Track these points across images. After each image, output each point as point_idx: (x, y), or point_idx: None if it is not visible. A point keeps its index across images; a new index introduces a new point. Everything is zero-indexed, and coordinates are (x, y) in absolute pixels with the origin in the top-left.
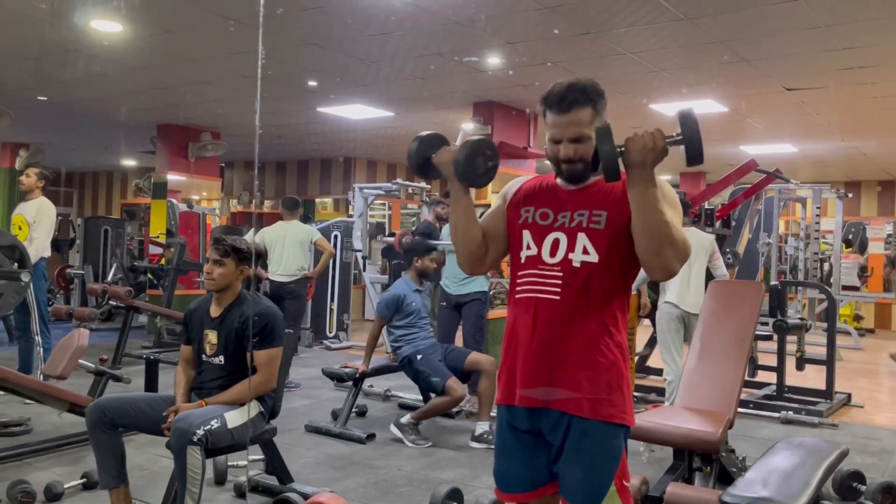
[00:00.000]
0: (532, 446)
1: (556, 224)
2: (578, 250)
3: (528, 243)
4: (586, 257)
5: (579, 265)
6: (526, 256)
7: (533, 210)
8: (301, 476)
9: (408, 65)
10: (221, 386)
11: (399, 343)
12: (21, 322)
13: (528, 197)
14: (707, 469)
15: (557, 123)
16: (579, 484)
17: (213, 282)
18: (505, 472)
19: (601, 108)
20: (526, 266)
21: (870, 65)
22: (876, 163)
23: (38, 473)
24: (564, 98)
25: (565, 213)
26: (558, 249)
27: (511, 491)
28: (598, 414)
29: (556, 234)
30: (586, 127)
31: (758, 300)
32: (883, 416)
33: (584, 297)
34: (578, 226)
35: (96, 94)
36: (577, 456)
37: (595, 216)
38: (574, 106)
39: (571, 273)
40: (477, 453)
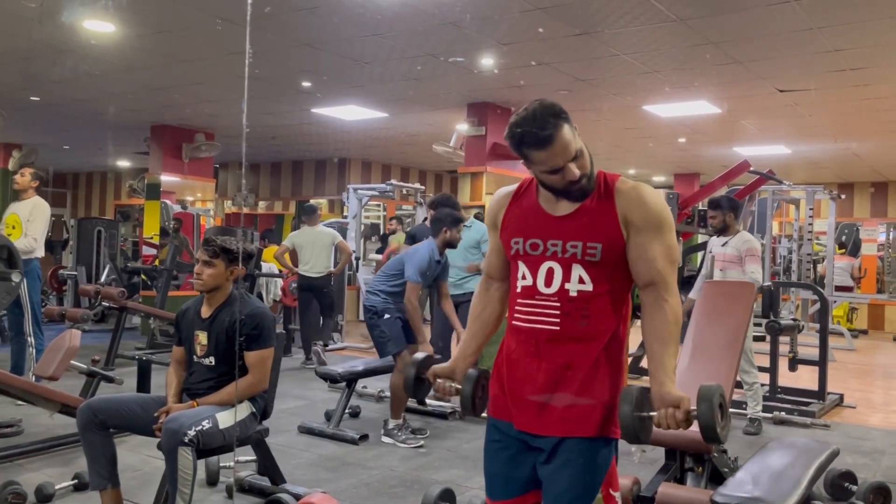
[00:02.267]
0: (518, 451)
1: (548, 253)
2: (574, 280)
3: (524, 273)
4: (582, 287)
5: (576, 294)
6: (522, 286)
7: (522, 241)
8: (293, 477)
9: (402, 66)
10: (212, 387)
11: (380, 296)
12: (14, 322)
13: (515, 225)
14: (699, 469)
15: (550, 156)
16: (564, 494)
17: (202, 283)
18: (491, 476)
19: (571, 122)
20: (522, 295)
21: (861, 67)
22: (868, 164)
23: (29, 474)
24: (540, 133)
25: (556, 242)
26: (553, 279)
27: (496, 497)
28: (589, 431)
29: (550, 264)
30: (573, 143)
31: (750, 301)
32: (875, 416)
33: (582, 326)
34: (573, 257)
35: (89, 95)
36: (564, 467)
37: (590, 248)
38: (557, 131)
39: (569, 302)
40: (469, 456)
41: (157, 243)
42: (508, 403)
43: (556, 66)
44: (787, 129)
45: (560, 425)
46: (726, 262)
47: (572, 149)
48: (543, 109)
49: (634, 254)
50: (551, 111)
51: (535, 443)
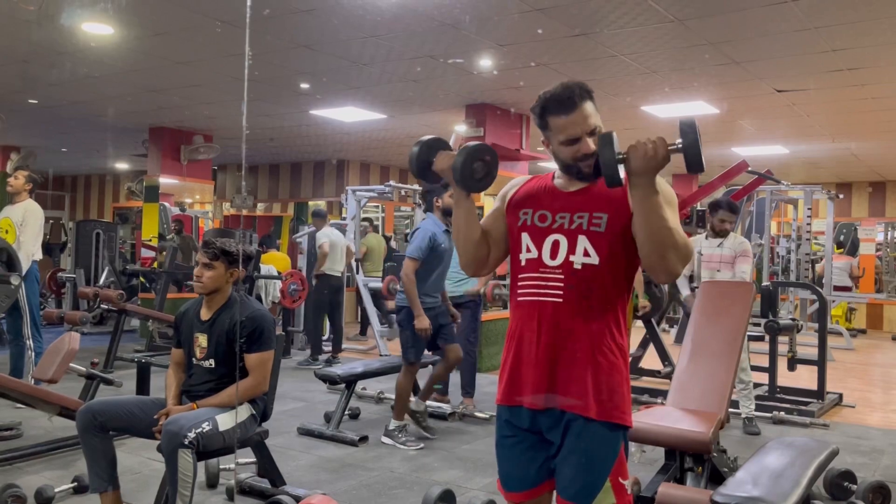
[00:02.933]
0: (532, 445)
1: (555, 226)
2: (579, 252)
3: (528, 245)
4: (587, 259)
5: (580, 267)
6: (526, 259)
7: (531, 212)
8: (293, 479)
9: (400, 67)
10: (212, 389)
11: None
12: (13, 326)
13: (526, 199)
14: (699, 469)
15: (571, 123)
16: (573, 480)
17: (202, 285)
18: (505, 470)
19: (596, 104)
20: (527, 269)
21: (859, 66)
22: (867, 164)
23: (28, 478)
24: (569, 97)
25: (564, 215)
26: (559, 251)
27: (511, 489)
28: (598, 414)
29: (556, 236)
30: (594, 118)
31: (748, 301)
32: (874, 416)
33: (586, 300)
34: (578, 228)
35: (87, 97)
36: (573, 453)
37: (595, 218)
38: (581, 101)
39: (573, 275)
40: (469, 457)
41: (155, 245)
42: (516, 385)
43: (555, 66)
44: (785, 130)
45: (567, 403)
46: (723, 262)
47: (592, 122)
48: (572, 82)
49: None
50: (579, 84)
51: (549, 435)
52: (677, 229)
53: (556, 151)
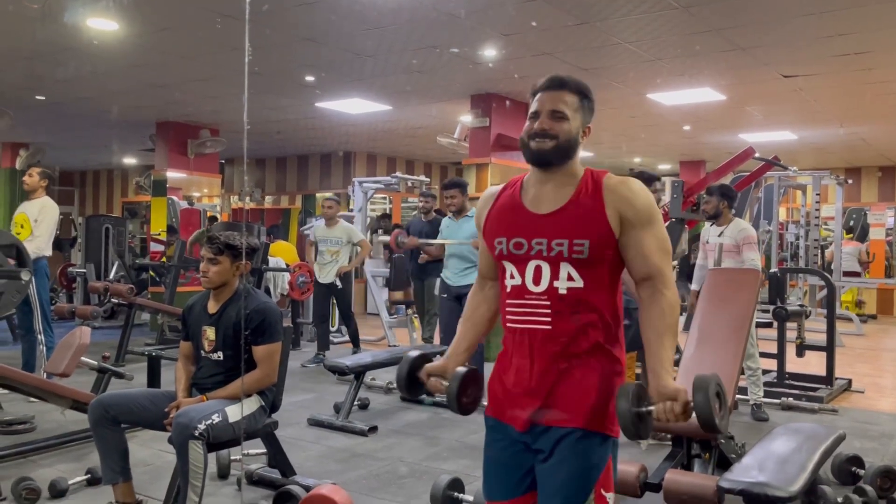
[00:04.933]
0: (518, 452)
1: (534, 252)
2: (563, 278)
3: (511, 272)
4: (572, 284)
5: (566, 292)
6: (511, 286)
7: (506, 241)
8: (303, 469)
9: (404, 58)
10: (221, 381)
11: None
12: (24, 321)
13: (497, 224)
14: (706, 455)
15: (541, 99)
16: (557, 492)
17: (209, 280)
18: (491, 478)
19: (586, 107)
20: (512, 295)
21: (866, 50)
22: (876, 149)
23: (42, 470)
24: (555, 79)
25: (540, 241)
26: (542, 278)
27: (495, 498)
28: (587, 424)
29: (537, 262)
30: (568, 108)
31: (755, 288)
32: (884, 401)
33: (574, 323)
34: (559, 255)
35: (94, 93)
36: (558, 464)
37: (577, 246)
38: (563, 87)
39: (559, 300)
40: (477, 445)
41: (164, 239)
42: (507, 407)
43: (559, 55)
44: (792, 115)
45: (556, 418)
46: (724, 251)
47: (560, 107)
48: (576, 79)
49: (630, 250)
50: (580, 82)
51: (536, 444)
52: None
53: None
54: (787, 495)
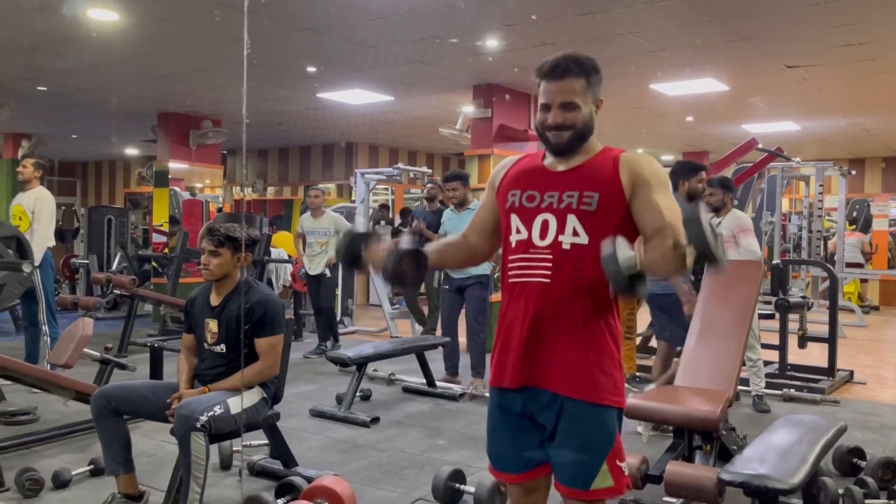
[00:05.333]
0: (523, 428)
1: (544, 205)
2: (568, 232)
3: (518, 227)
4: (576, 239)
5: (569, 248)
6: (516, 240)
7: (519, 193)
8: (305, 460)
9: (406, 49)
10: (223, 373)
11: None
12: (28, 312)
13: (514, 180)
14: (707, 447)
15: (549, 90)
16: (571, 464)
17: (210, 272)
18: (497, 452)
19: (595, 83)
20: (516, 250)
21: (870, 41)
22: (879, 139)
23: (45, 461)
24: (558, 66)
25: (552, 194)
26: (548, 231)
27: (503, 470)
28: (590, 396)
29: (545, 216)
30: (578, 96)
31: (757, 279)
32: (886, 392)
33: (574, 281)
34: (568, 207)
35: (95, 84)
36: (568, 437)
37: (586, 197)
38: (567, 74)
39: (562, 255)
40: (480, 436)
41: (166, 230)
42: (502, 366)
43: (562, 46)
44: (796, 106)
45: (559, 383)
46: (724, 242)
47: (569, 96)
48: (582, 55)
49: (643, 206)
50: (585, 60)
51: (540, 418)
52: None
53: (538, 117)
54: (787, 487)
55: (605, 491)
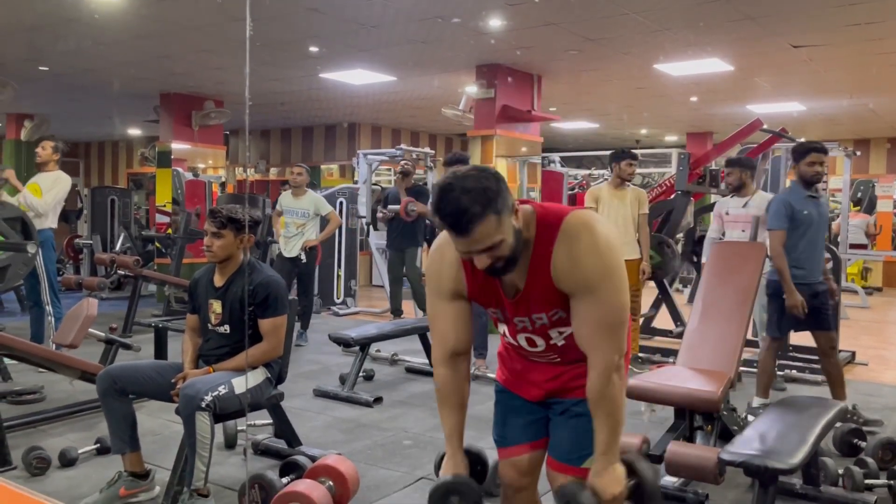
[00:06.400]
0: (529, 405)
1: (519, 327)
2: (555, 336)
3: (505, 332)
4: (565, 332)
5: (564, 341)
6: (508, 342)
7: (500, 312)
8: (309, 439)
9: (409, 28)
10: (228, 354)
11: None
12: (32, 292)
13: (484, 300)
14: (708, 428)
15: (461, 243)
16: (570, 444)
17: (213, 254)
18: (506, 427)
19: (502, 206)
20: (513, 347)
21: (877, 20)
22: (885, 120)
23: (52, 440)
24: (460, 221)
25: (522, 319)
26: (536, 344)
27: (505, 445)
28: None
29: (527, 335)
30: (495, 234)
31: (760, 261)
32: (888, 373)
33: (577, 349)
34: (543, 326)
35: (98, 64)
36: (571, 419)
37: (554, 315)
38: (474, 224)
39: (560, 347)
40: (482, 416)
41: (169, 211)
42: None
43: (566, 26)
44: (801, 86)
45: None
46: (748, 223)
47: (488, 242)
48: (474, 188)
49: (573, 317)
50: (482, 194)
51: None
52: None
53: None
54: (787, 467)
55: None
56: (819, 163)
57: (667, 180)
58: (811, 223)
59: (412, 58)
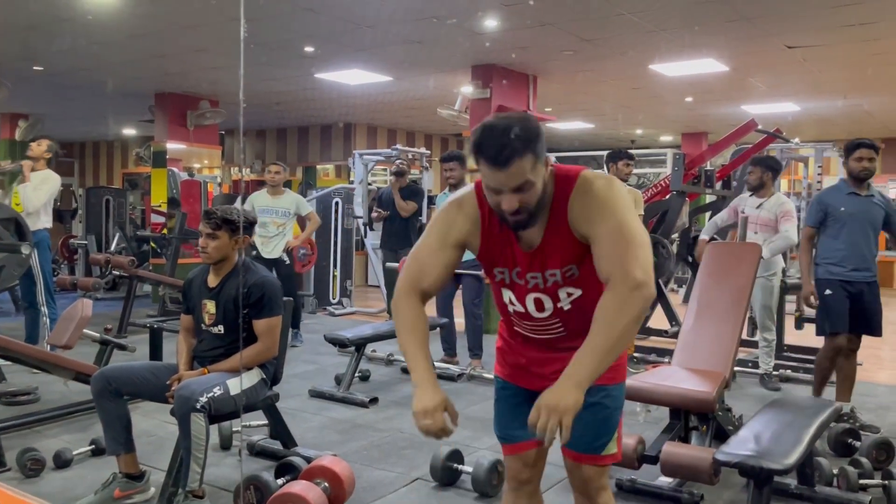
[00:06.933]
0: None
1: (531, 286)
2: (564, 298)
3: (511, 299)
4: (573, 296)
5: (570, 306)
6: (514, 310)
7: (508, 272)
8: (305, 440)
9: (404, 29)
10: (222, 354)
11: None
12: (27, 293)
13: (493, 256)
14: (703, 428)
15: (496, 178)
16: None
17: (208, 255)
18: (509, 424)
19: (541, 149)
20: (518, 316)
21: (871, 21)
22: (879, 120)
23: (46, 441)
24: (501, 152)
25: (535, 275)
26: (544, 307)
27: (509, 441)
28: (607, 380)
29: (536, 295)
30: (529, 174)
31: (755, 261)
32: (882, 373)
33: (583, 320)
34: (555, 284)
35: (92, 64)
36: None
37: (567, 271)
38: (513, 158)
39: (566, 314)
40: (477, 417)
41: (165, 211)
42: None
43: (561, 26)
44: (796, 86)
45: None
46: (760, 224)
47: (519, 180)
48: (520, 124)
49: (594, 255)
50: (526, 131)
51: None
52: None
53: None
54: (782, 468)
55: (611, 458)
56: (868, 158)
57: (662, 181)
58: (849, 220)
59: (408, 58)
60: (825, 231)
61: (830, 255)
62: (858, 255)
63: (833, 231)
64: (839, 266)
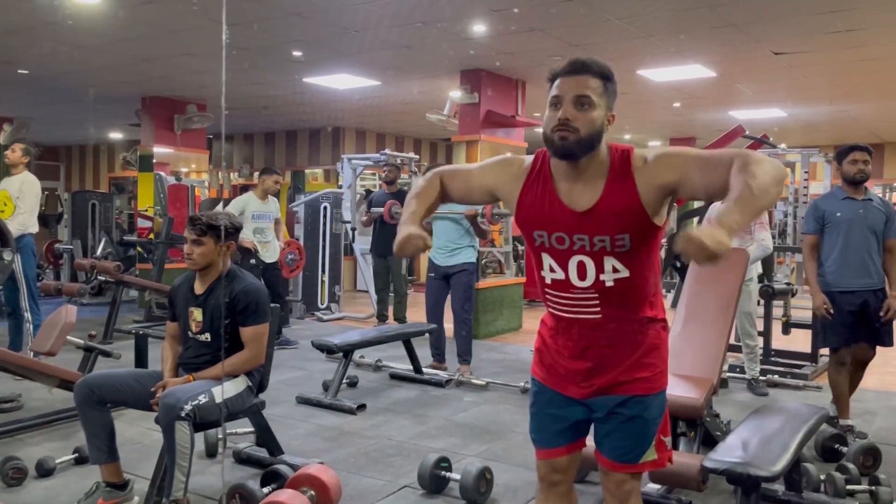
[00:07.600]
0: (568, 403)
1: (576, 248)
2: (609, 270)
3: (551, 265)
4: (618, 275)
5: (613, 283)
6: (552, 279)
7: (547, 235)
8: (291, 447)
9: (392, 33)
10: (208, 362)
11: None
12: (10, 299)
13: (534, 217)
14: (691, 434)
15: (562, 84)
16: (628, 445)
17: (194, 262)
18: (544, 430)
19: (611, 92)
20: (555, 287)
21: (857, 28)
22: (865, 126)
23: (29, 449)
24: (576, 62)
25: (582, 237)
26: (587, 272)
27: (545, 446)
28: (645, 389)
29: (580, 257)
30: (593, 92)
31: (742, 267)
32: (869, 378)
33: (623, 308)
34: (602, 250)
35: (78, 67)
36: (624, 422)
37: (618, 240)
38: (585, 71)
39: (607, 291)
40: (466, 424)
41: (151, 216)
42: (558, 379)
43: (549, 31)
44: (782, 92)
45: (621, 390)
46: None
47: (582, 91)
48: (602, 62)
49: (699, 185)
50: (604, 65)
51: (593, 404)
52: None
53: (545, 119)
54: (770, 475)
55: (650, 464)
56: (862, 160)
57: None
58: (847, 225)
59: (396, 63)
60: (825, 239)
61: (830, 265)
62: (859, 262)
63: (832, 238)
64: (839, 275)
